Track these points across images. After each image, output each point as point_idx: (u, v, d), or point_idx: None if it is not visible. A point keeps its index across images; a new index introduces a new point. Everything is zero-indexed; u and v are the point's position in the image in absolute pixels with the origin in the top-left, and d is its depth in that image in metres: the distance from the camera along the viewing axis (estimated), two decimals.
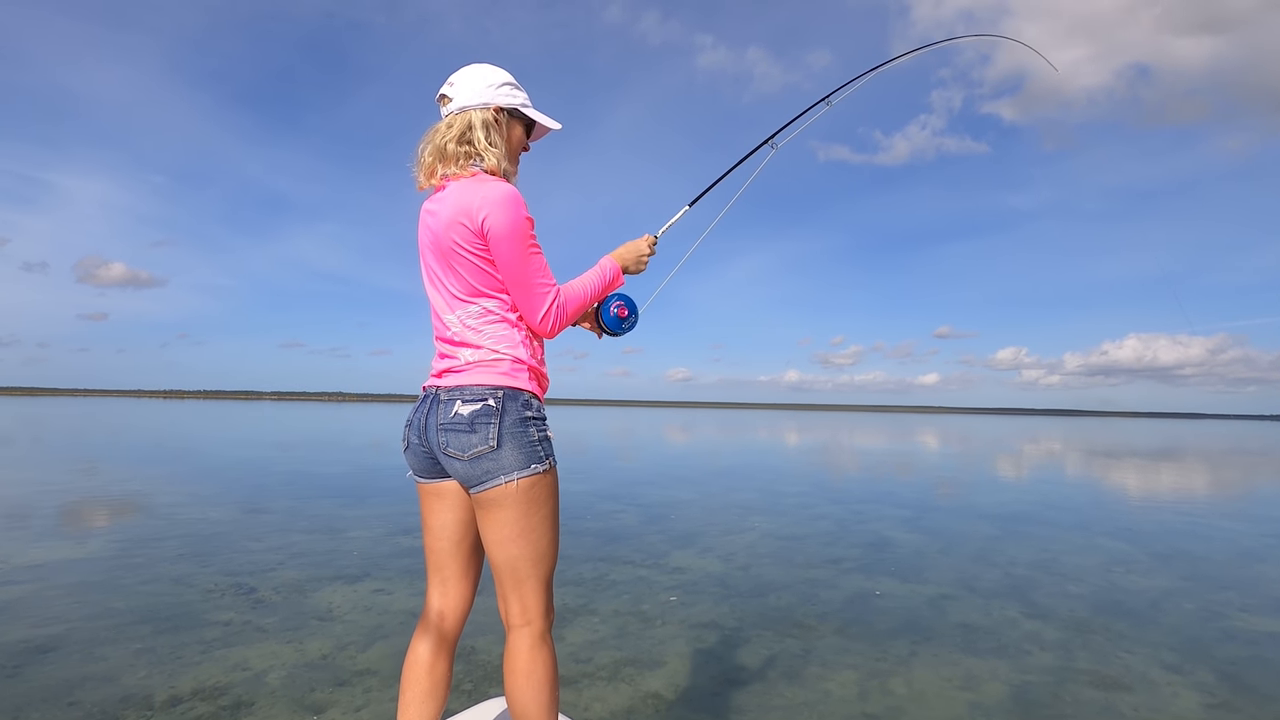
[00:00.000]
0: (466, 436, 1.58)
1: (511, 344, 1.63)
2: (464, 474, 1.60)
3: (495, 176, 1.66)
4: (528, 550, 1.60)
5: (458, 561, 1.75)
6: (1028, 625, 3.56)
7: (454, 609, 1.75)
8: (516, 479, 1.57)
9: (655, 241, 1.93)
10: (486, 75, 1.70)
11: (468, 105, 1.68)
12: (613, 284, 1.81)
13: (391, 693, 2.59)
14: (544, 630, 1.62)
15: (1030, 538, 5.96)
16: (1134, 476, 12.37)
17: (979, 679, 2.86)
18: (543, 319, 1.63)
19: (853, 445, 21.18)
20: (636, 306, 1.88)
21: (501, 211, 1.57)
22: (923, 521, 6.73)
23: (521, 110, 1.74)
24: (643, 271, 1.91)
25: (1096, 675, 2.92)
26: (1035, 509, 7.80)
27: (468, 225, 1.58)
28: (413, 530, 5.67)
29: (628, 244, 1.89)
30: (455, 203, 1.60)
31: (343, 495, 7.65)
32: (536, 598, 1.62)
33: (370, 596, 3.80)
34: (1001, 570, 4.74)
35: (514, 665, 1.60)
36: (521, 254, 1.59)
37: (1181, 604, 4.01)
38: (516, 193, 1.62)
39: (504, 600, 1.64)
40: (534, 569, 1.61)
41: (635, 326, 1.88)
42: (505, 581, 1.62)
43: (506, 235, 1.57)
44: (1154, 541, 5.93)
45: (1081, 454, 18.77)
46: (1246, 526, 6.90)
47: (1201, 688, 2.82)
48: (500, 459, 1.56)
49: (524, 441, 1.58)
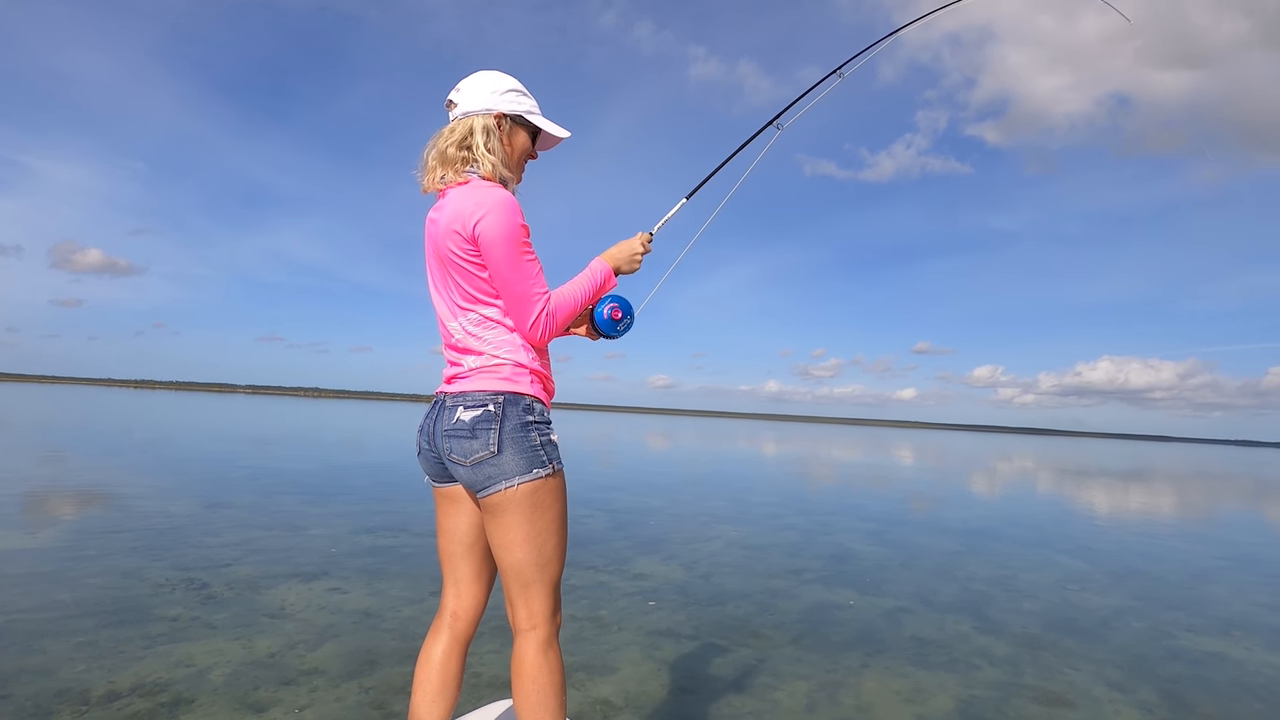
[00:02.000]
0: (468, 442, 1.59)
1: (512, 349, 1.64)
2: (468, 479, 1.62)
3: (491, 183, 1.66)
4: (533, 555, 1.60)
5: (471, 564, 1.77)
6: (980, 640, 3.61)
7: (467, 610, 1.77)
8: (518, 483, 1.57)
9: (650, 239, 1.88)
10: (492, 81, 1.71)
11: (471, 111, 1.69)
12: (604, 286, 1.78)
13: (337, 693, 2.57)
14: (551, 634, 1.63)
15: (991, 553, 6.04)
16: (1097, 496, 12.57)
17: (927, 692, 2.89)
18: (531, 326, 1.63)
19: (827, 457, 21.32)
20: (632, 308, 1.83)
21: (493, 218, 1.57)
22: (888, 535, 6.79)
23: (526, 117, 1.74)
24: (637, 271, 1.86)
25: (1041, 691, 2.96)
26: (999, 525, 7.91)
27: (461, 233, 1.59)
28: (375, 529, 5.62)
29: (620, 243, 1.85)
30: (451, 210, 1.62)
31: (308, 492, 7.56)
32: (543, 602, 1.62)
33: (325, 595, 3.76)
34: (960, 585, 4.80)
35: (521, 669, 1.60)
36: (511, 261, 1.59)
37: (1131, 622, 4.09)
38: (510, 199, 1.62)
39: (511, 604, 1.65)
40: (540, 573, 1.62)
41: (631, 328, 1.83)
42: (512, 586, 1.63)
43: (497, 242, 1.57)
44: (1110, 560, 6.03)
45: (1050, 473, 19.05)
46: (1201, 548, 7.05)
47: (1142, 706, 2.87)
48: (501, 464, 1.57)
49: (525, 446, 1.58)
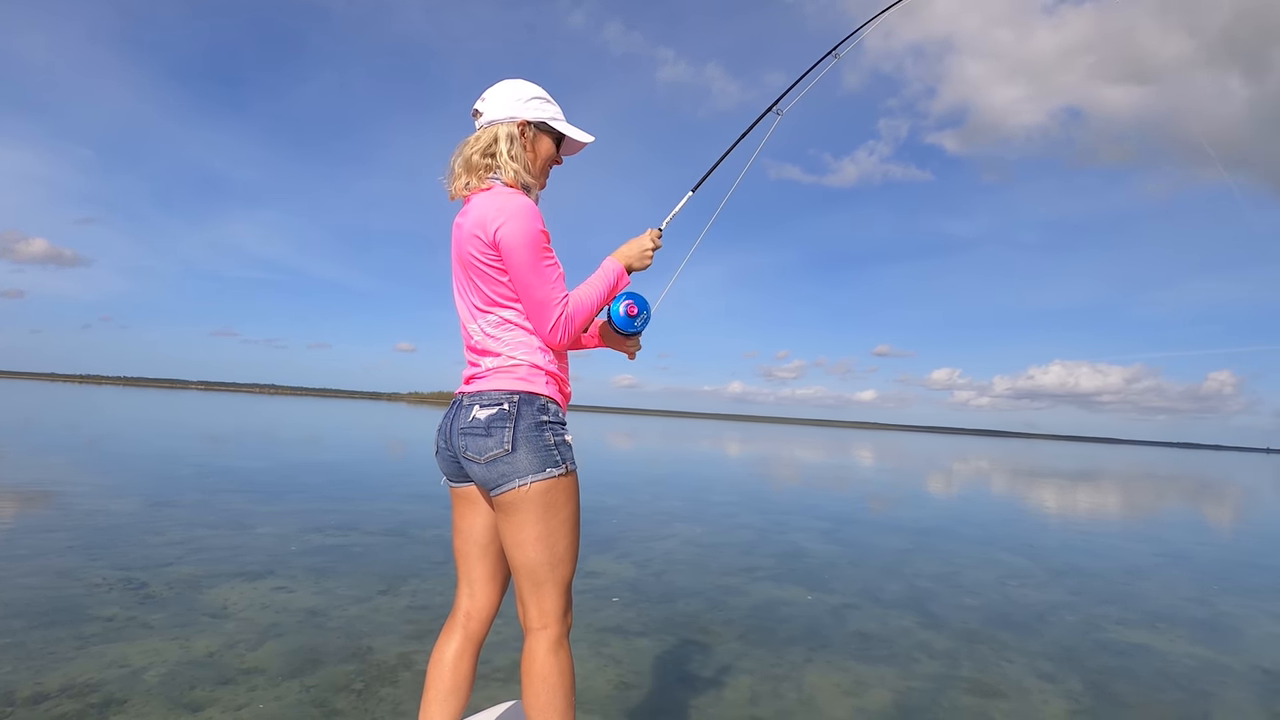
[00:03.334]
0: (483, 440, 1.60)
1: (529, 350, 1.66)
2: (481, 477, 1.63)
3: (514, 189, 1.69)
4: (545, 554, 1.61)
5: (485, 565, 1.78)
6: (921, 634, 3.71)
7: (481, 611, 1.78)
8: (531, 482, 1.58)
9: (660, 234, 1.88)
10: (516, 90, 1.74)
11: (496, 119, 1.73)
12: (618, 285, 1.78)
13: (276, 692, 2.54)
14: (561, 634, 1.63)
15: (938, 551, 6.20)
16: (1044, 496, 12.98)
17: (866, 685, 2.97)
18: (551, 330, 1.64)
19: (787, 458, 21.60)
20: (648, 304, 1.83)
21: (514, 224, 1.59)
22: (840, 533, 6.92)
23: (550, 124, 1.76)
24: (649, 266, 1.86)
25: (976, 683, 3.06)
26: (948, 524, 8.12)
27: (482, 237, 1.62)
28: (326, 528, 5.53)
29: (631, 240, 1.86)
30: (474, 216, 1.65)
31: (258, 491, 7.40)
32: (554, 601, 1.63)
33: (270, 594, 3.70)
34: (906, 582, 4.92)
35: (531, 668, 1.61)
36: (531, 266, 1.61)
37: (1065, 617, 4.24)
38: (531, 205, 1.65)
39: (522, 603, 1.65)
40: (552, 573, 1.62)
41: (648, 324, 1.83)
42: (523, 585, 1.64)
43: (518, 247, 1.59)
44: (1051, 557, 6.24)
45: (1001, 474, 19.59)
46: (1137, 546, 7.33)
47: (1069, 695, 2.99)
48: (515, 462, 1.58)
49: (539, 445, 1.60)
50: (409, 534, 5.52)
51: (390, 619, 3.42)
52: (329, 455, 12.47)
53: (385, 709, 2.46)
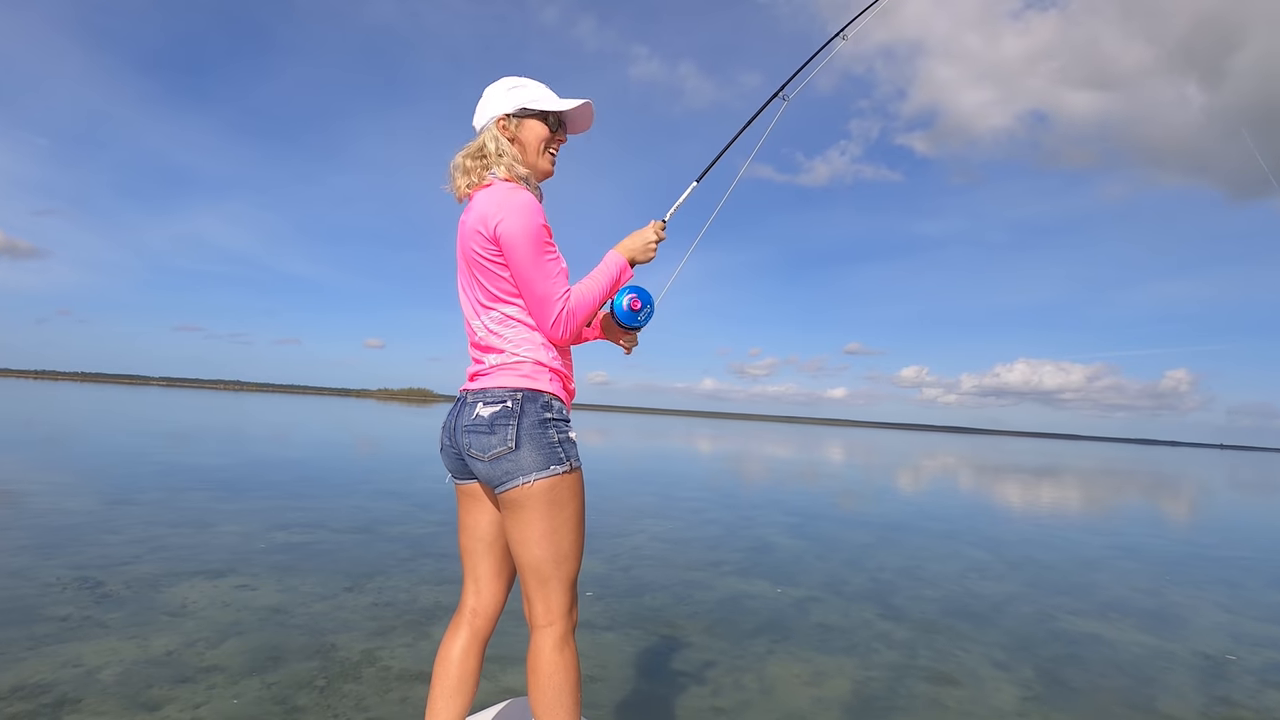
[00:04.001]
0: (486, 438, 1.61)
1: (532, 347, 1.66)
2: (485, 475, 1.64)
3: (513, 184, 1.69)
4: (550, 551, 1.61)
5: (491, 561, 1.78)
6: (881, 626, 3.79)
7: (487, 607, 1.79)
8: (535, 480, 1.58)
9: (664, 226, 1.87)
10: (494, 88, 1.76)
11: (483, 125, 1.75)
12: (621, 278, 1.78)
13: (236, 689, 2.52)
14: (567, 631, 1.64)
15: (901, 545, 6.33)
16: (1006, 491, 13.28)
17: (826, 675, 3.03)
18: (553, 325, 1.64)
19: (757, 454, 21.78)
20: (651, 297, 1.81)
21: (513, 218, 1.60)
22: (807, 528, 7.02)
23: (530, 107, 1.75)
24: (652, 259, 1.84)
25: (932, 672, 3.15)
26: (913, 518, 8.28)
27: (483, 233, 1.63)
28: (290, 526, 5.47)
29: (633, 233, 1.84)
30: (475, 212, 1.66)
31: (221, 488, 7.28)
32: (560, 598, 1.63)
33: (232, 592, 3.65)
34: (869, 575, 5.01)
35: (537, 665, 1.61)
36: (531, 260, 1.61)
37: (1021, 607, 4.37)
38: (531, 200, 1.65)
39: (528, 600, 1.65)
40: (557, 570, 1.62)
41: (651, 318, 1.81)
42: (529, 582, 1.64)
43: (518, 242, 1.60)
44: (1010, 550, 6.41)
45: (965, 469, 19.98)
46: (1093, 538, 7.55)
47: (1021, 683, 3.08)
48: (519, 460, 1.58)
49: (543, 443, 1.60)
50: (376, 531, 5.48)
51: (355, 616, 3.40)
52: (295, 452, 12.29)
53: (348, 705, 2.46)
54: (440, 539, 5.32)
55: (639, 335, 1.90)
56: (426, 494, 7.75)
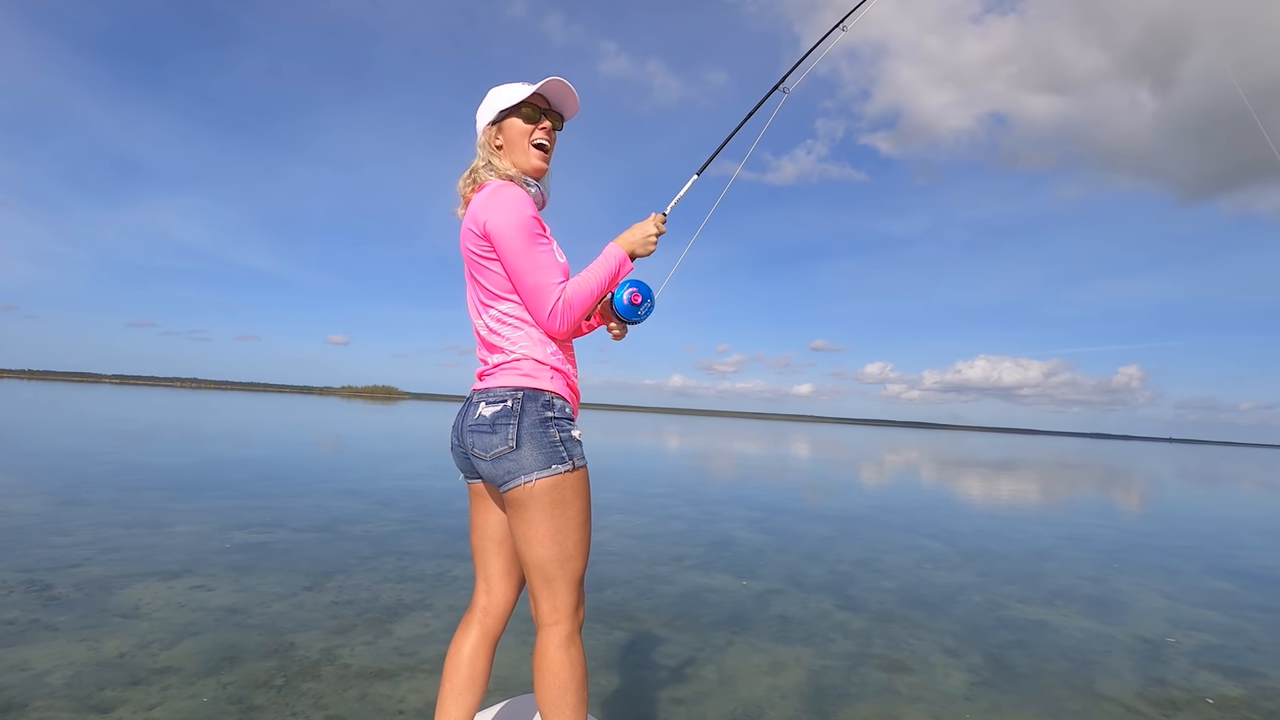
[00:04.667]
0: (488, 437, 1.62)
1: (531, 345, 1.67)
2: (489, 474, 1.65)
3: (504, 183, 1.71)
4: (554, 550, 1.61)
5: (501, 560, 1.79)
6: (839, 616, 3.89)
7: (497, 606, 1.80)
8: (537, 479, 1.59)
9: (664, 219, 1.86)
10: (481, 106, 1.79)
11: (477, 139, 1.79)
12: (620, 272, 1.76)
13: (192, 690, 2.49)
14: (573, 630, 1.65)
15: (860, 538, 6.47)
16: (964, 484, 13.61)
17: (783, 665, 3.11)
18: (549, 317, 1.64)
19: (725, 450, 21.96)
20: (651, 291, 1.80)
21: (501, 212, 1.61)
22: (769, 522, 7.13)
23: (504, 109, 1.76)
24: (652, 253, 1.84)
25: (886, 659, 3.24)
26: (873, 512, 8.45)
27: (475, 230, 1.64)
28: (249, 525, 5.38)
29: (634, 226, 1.83)
30: (470, 212, 1.69)
31: (177, 488, 7.12)
32: (566, 597, 1.64)
33: (187, 593, 3.60)
34: (828, 567, 5.12)
35: (543, 663, 1.62)
36: (522, 253, 1.61)
37: (972, 596, 4.51)
38: (520, 193, 1.66)
39: (534, 599, 1.66)
40: (562, 569, 1.63)
41: (652, 312, 1.81)
42: (534, 580, 1.64)
43: (507, 235, 1.61)
44: (964, 541, 6.59)
45: (926, 464, 20.41)
46: (1044, 529, 7.80)
47: (970, 668, 3.20)
48: (520, 459, 1.59)
49: (544, 442, 1.60)
50: (337, 530, 5.43)
51: (314, 615, 3.38)
52: (254, 451, 12.05)
53: (307, 704, 2.45)
54: (403, 537, 5.29)
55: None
56: (390, 492, 7.68)
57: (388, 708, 2.47)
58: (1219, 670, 3.36)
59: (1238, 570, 5.96)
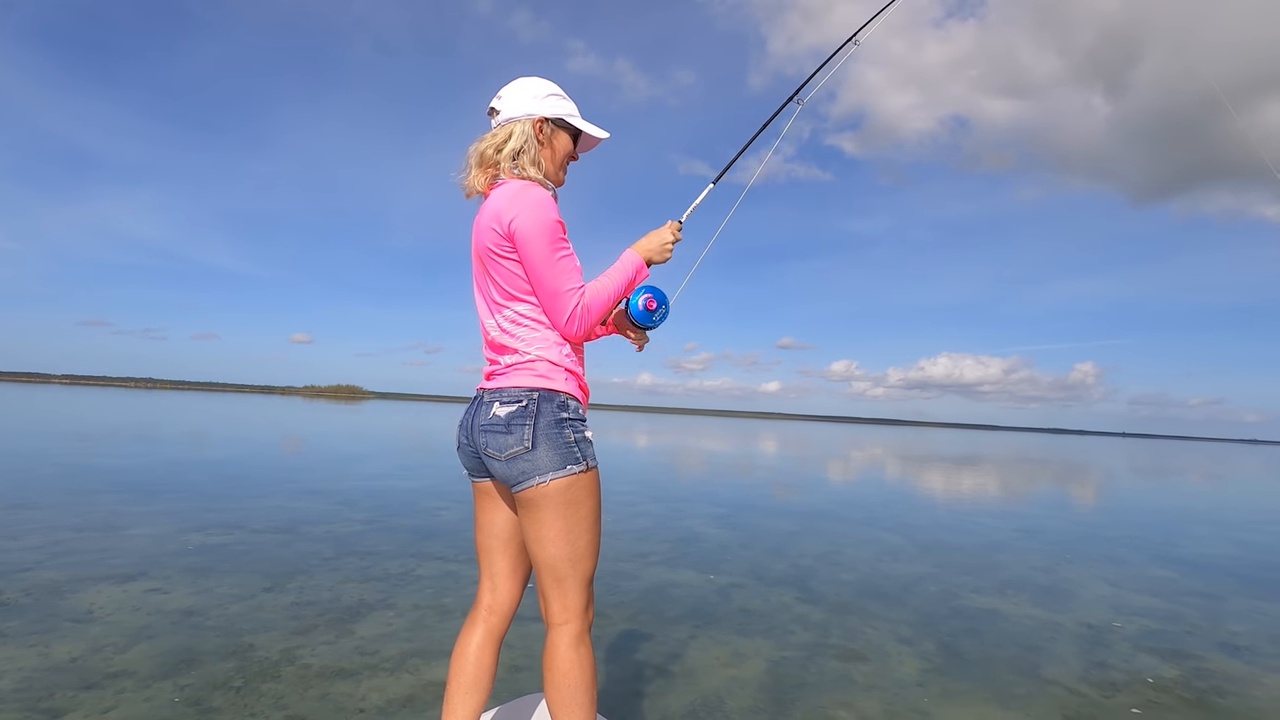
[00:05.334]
0: (503, 437, 1.62)
1: (546, 346, 1.67)
2: (502, 474, 1.65)
3: (528, 181, 1.70)
4: (566, 550, 1.63)
5: (507, 559, 1.80)
6: (799, 609, 3.97)
7: (503, 605, 1.80)
8: (551, 479, 1.60)
9: (680, 227, 1.88)
10: (532, 87, 1.76)
11: (513, 117, 1.74)
12: (637, 278, 1.79)
13: (147, 693, 2.46)
14: (583, 629, 1.66)
15: (822, 532, 6.59)
16: (925, 479, 13.91)
17: (744, 656, 3.17)
18: (567, 321, 1.66)
19: (693, 448, 22.09)
20: (666, 298, 1.82)
21: (528, 213, 1.61)
22: (734, 518, 7.22)
23: (567, 120, 1.78)
24: (668, 260, 1.86)
25: (843, 649, 3.33)
26: (835, 507, 8.60)
27: (498, 229, 1.63)
28: (207, 527, 5.29)
29: (650, 234, 1.86)
30: (491, 209, 1.67)
31: (131, 490, 6.95)
32: (576, 597, 1.65)
33: (142, 596, 3.54)
34: (790, 561, 5.22)
35: (553, 662, 1.63)
36: (545, 256, 1.62)
37: (928, 587, 4.64)
38: (546, 196, 1.67)
39: (544, 598, 1.67)
40: (573, 569, 1.64)
41: (666, 318, 1.83)
42: (545, 580, 1.65)
43: (532, 237, 1.61)
44: (922, 534, 6.76)
45: (890, 460, 20.79)
46: (1000, 522, 8.02)
47: (923, 656, 3.30)
48: (535, 459, 1.60)
49: (559, 442, 1.62)
50: (299, 531, 5.36)
51: (274, 616, 3.35)
52: (213, 452, 11.79)
53: (266, 704, 2.44)
54: (367, 537, 5.25)
55: (649, 334, 1.91)
56: (353, 493, 7.60)
57: (349, 706, 2.47)
58: (1157, 653, 3.52)
59: (1179, 559, 6.21)
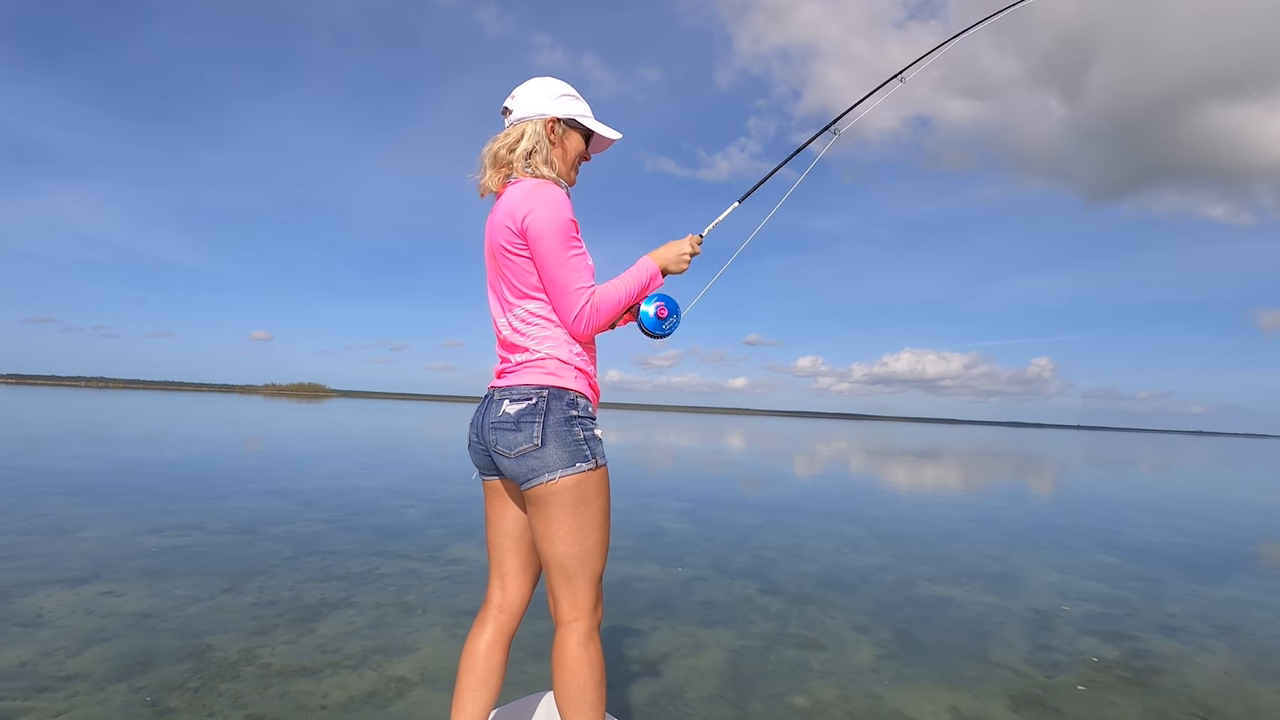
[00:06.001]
0: (513, 434, 1.63)
1: (556, 344, 1.68)
2: (512, 471, 1.65)
3: (542, 179, 1.71)
4: (575, 548, 1.63)
5: (517, 557, 1.80)
6: (760, 600, 4.06)
7: (513, 603, 1.81)
8: (561, 476, 1.61)
9: (700, 240, 1.89)
10: (545, 87, 1.77)
11: (526, 116, 1.75)
12: (650, 285, 1.79)
13: (101, 696, 2.43)
14: (592, 627, 1.66)
15: (785, 525, 6.71)
16: (887, 473, 14.20)
17: (704, 646, 3.24)
18: (575, 320, 1.66)
19: (661, 443, 22.19)
20: (679, 307, 1.83)
21: (541, 210, 1.62)
22: (699, 513, 7.30)
23: (580, 120, 1.79)
24: (684, 271, 1.87)
25: (801, 638, 3.42)
26: (798, 501, 8.75)
27: (511, 226, 1.64)
28: (162, 529, 5.19)
29: (669, 243, 1.86)
30: (504, 206, 1.68)
31: (83, 493, 6.77)
32: (586, 594, 1.65)
33: (95, 599, 3.47)
34: (752, 554, 5.31)
35: (562, 660, 1.63)
36: (557, 254, 1.63)
37: (885, 577, 4.76)
38: (560, 194, 1.68)
39: (554, 596, 1.67)
40: (583, 566, 1.64)
41: (677, 328, 1.84)
42: (555, 577, 1.65)
43: (544, 235, 1.62)
44: (882, 526, 6.92)
45: (854, 454, 21.16)
46: (957, 513, 8.25)
47: (878, 643, 3.40)
48: (545, 457, 1.61)
49: (569, 440, 1.62)
50: (258, 531, 5.29)
51: (233, 616, 3.32)
52: (169, 453, 11.51)
53: (225, 703, 2.43)
54: (328, 536, 5.20)
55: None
56: (315, 492, 7.50)
57: (309, 704, 2.47)
58: (1099, 635, 3.68)
59: (1124, 545, 6.47)
